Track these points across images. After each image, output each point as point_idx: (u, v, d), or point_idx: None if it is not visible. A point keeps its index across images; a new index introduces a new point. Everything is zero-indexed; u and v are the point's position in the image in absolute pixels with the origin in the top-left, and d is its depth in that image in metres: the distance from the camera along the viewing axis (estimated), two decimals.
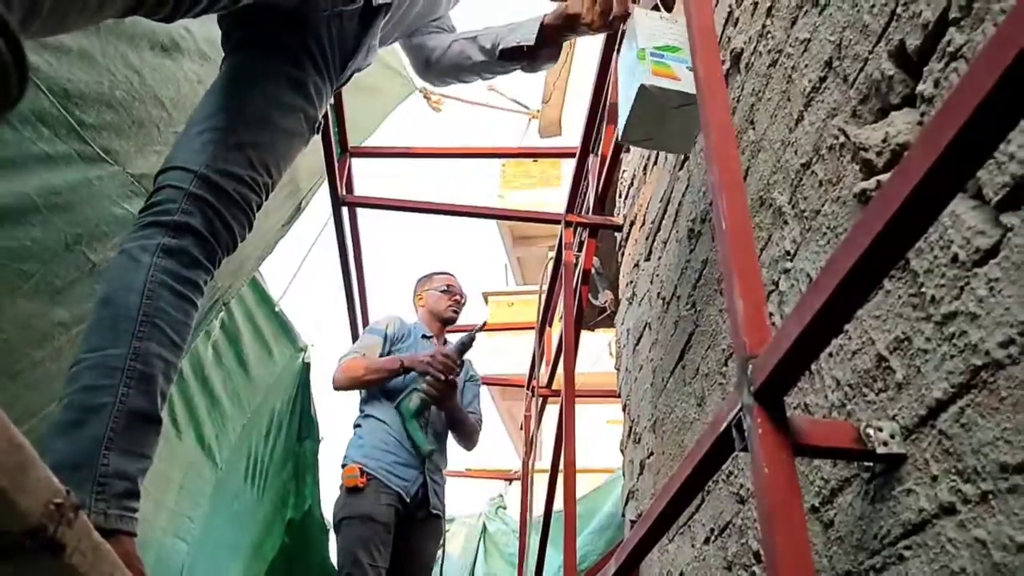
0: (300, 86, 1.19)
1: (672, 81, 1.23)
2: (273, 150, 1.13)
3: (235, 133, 1.09)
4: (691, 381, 1.37)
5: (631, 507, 1.86)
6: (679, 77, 1.23)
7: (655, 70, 1.23)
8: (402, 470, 2.56)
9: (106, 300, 0.95)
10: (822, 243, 0.86)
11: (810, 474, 0.83)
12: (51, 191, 1.44)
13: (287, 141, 1.17)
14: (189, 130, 1.12)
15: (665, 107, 1.23)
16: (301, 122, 1.19)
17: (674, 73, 1.23)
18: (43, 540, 0.43)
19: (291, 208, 2.52)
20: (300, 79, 1.19)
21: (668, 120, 1.25)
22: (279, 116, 1.15)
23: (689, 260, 1.44)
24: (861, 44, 0.81)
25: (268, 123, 1.13)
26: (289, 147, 1.18)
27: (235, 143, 1.09)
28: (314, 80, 1.21)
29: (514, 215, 3.15)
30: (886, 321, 0.71)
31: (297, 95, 1.18)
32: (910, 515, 0.64)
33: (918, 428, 0.65)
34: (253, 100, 1.13)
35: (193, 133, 1.10)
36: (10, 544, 0.43)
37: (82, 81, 1.45)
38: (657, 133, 1.29)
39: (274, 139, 1.14)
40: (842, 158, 0.83)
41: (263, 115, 1.13)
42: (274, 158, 1.14)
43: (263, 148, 1.12)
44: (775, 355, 0.60)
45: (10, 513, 0.41)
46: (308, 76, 1.20)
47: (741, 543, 1.03)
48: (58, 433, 0.86)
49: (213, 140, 1.08)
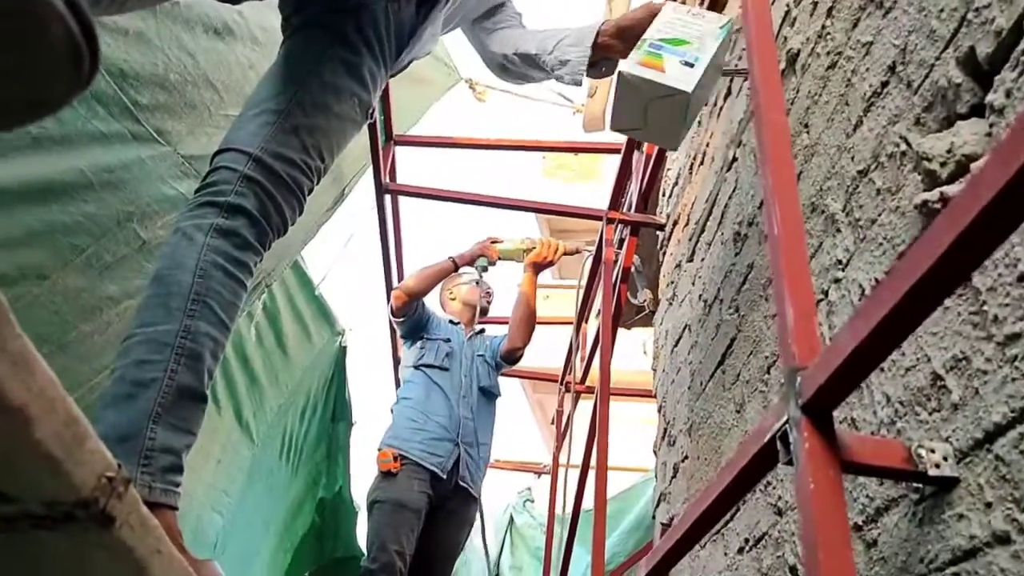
0: (355, 71, 1.19)
1: (655, 72, 1.19)
2: (327, 135, 1.14)
3: (291, 117, 1.10)
4: (731, 387, 1.34)
5: (662, 510, 1.84)
6: (664, 69, 1.20)
7: (642, 60, 1.20)
8: (436, 445, 2.58)
9: (160, 277, 0.97)
10: (877, 253, 0.84)
11: (854, 491, 0.81)
12: (104, 169, 1.48)
13: (341, 126, 1.18)
14: (246, 112, 1.14)
15: (646, 98, 1.20)
16: (355, 108, 1.20)
17: (662, 65, 1.20)
18: (94, 512, 0.44)
19: (335, 193, 2.55)
20: (355, 64, 1.19)
21: (651, 112, 1.22)
22: (335, 101, 1.16)
23: (734, 264, 1.41)
24: (927, 50, 0.78)
25: (323, 108, 1.14)
26: (343, 132, 1.19)
27: (290, 127, 1.10)
28: (369, 66, 1.22)
29: (556, 209, 3.13)
30: (944, 338, 0.69)
31: (352, 80, 1.19)
32: (960, 541, 0.62)
33: (973, 451, 0.62)
34: (309, 85, 1.14)
35: (250, 115, 1.12)
36: (62, 514, 0.44)
37: (137, 62, 1.48)
38: (643, 124, 1.26)
39: (328, 124, 1.15)
40: (903, 167, 0.80)
41: (319, 100, 1.14)
42: (327, 143, 1.15)
43: (318, 133, 1.13)
44: (827, 368, 0.59)
45: (64, 484, 0.42)
46: (363, 61, 1.21)
47: (776, 556, 1.01)
48: (109, 405, 0.88)
49: (269, 123, 1.09)
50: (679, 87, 1.18)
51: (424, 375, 2.77)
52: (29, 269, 1.41)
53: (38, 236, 1.40)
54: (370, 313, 4.71)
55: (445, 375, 2.77)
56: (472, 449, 2.68)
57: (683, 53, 1.22)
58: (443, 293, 3.21)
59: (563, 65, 1.44)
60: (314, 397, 3.44)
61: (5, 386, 0.35)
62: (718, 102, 1.74)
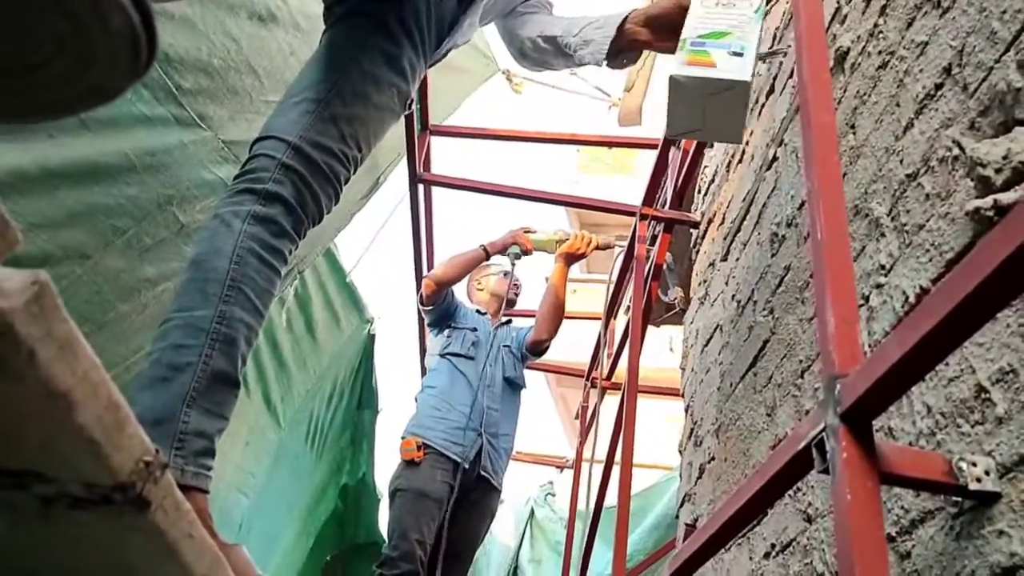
0: (395, 62, 1.19)
1: (706, 68, 1.17)
2: (365, 125, 1.15)
3: (330, 106, 1.11)
4: (762, 389, 1.32)
5: (687, 510, 1.83)
6: (714, 64, 1.17)
7: (688, 59, 1.18)
8: (458, 434, 2.59)
9: (197, 262, 0.99)
10: (923, 260, 0.82)
11: (889, 501, 0.79)
12: (147, 152, 1.50)
13: (379, 116, 1.18)
14: (286, 100, 1.14)
15: (701, 96, 1.17)
16: (394, 98, 1.20)
17: (711, 60, 1.18)
18: (131, 496, 0.44)
19: (369, 182, 2.56)
20: (395, 55, 1.19)
21: (709, 109, 1.19)
22: (374, 91, 1.16)
23: (770, 265, 1.39)
24: (986, 52, 0.76)
25: (363, 98, 1.14)
26: (381, 123, 1.19)
27: (330, 116, 1.10)
28: (409, 56, 1.22)
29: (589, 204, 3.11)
30: (990, 350, 0.67)
31: (392, 71, 1.19)
32: (1000, 558, 0.60)
33: (1017, 467, 0.60)
34: (349, 74, 1.14)
35: (290, 103, 1.13)
36: (100, 496, 0.45)
37: (182, 47, 1.50)
38: (702, 123, 1.24)
39: (367, 114, 1.15)
40: (954, 172, 0.78)
41: (359, 90, 1.14)
42: (365, 133, 1.15)
43: (356, 122, 1.13)
44: (869, 377, 0.57)
45: (103, 467, 0.43)
46: (403, 52, 1.21)
47: (805, 563, 0.99)
48: (145, 387, 0.90)
49: (308, 112, 1.09)
50: (737, 78, 1.16)
51: (449, 363, 2.78)
52: (72, 249, 1.44)
53: (81, 217, 1.43)
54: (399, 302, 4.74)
55: (470, 364, 2.78)
56: (495, 439, 2.69)
57: (728, 44, 1.19)
58: (471, 283, 3.21)
59: (586, 45, 1.42)
60: (341, 383, 3.47)
61: (52, 370, 0.36)
62: (760, 99, 1.71)
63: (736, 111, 1.20)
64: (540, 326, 2.95)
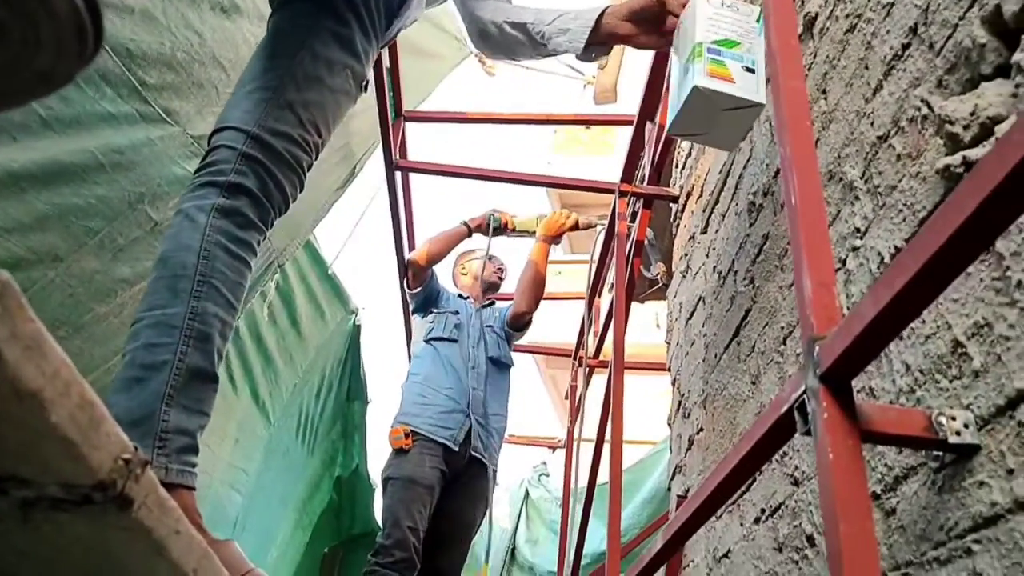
0: (347, 43, 1.18)
1: (727, 84, 1.18)
2: (323, 109, 1.13)
3: (285, 92, 1.09)
4: (746, 358, 1.34)
5: (678, 482, 1.85)
6: (734, 79, 1.18)
7: (711, 70, 1.18)
8: (445, 418, 2.59)
9: (165, 260, 0.97)
10: (897, 220, 0.82)
11: (872, 460, 0.80)
12: (114, 150, 1.48)
13: (335, 99, 1.16)
14: (239, 90, 1.13)
15: (717, 108, 1.19)
16: (349, 80, 1.19)
17: (730, 75, 1.19)
18: (112, 494, 0.44)
19: (346, 171, 2.54)
20: (346, 36, 1.18)
21: (719, 120, 1.21)
22: (327, 74, 1.14)
23: (749, 234, 1.40)
24: (951, 9, 0.76)
25: (317, 81, 1.13)
26: (338, 106, 1.18)
27: (285, 102, 1.09)
28: (360, 37, 1.20)
29: (568, 183, 3.11)
30: (965, 305, 0.68)
31: (344, 52, 1.17)
32: (981, 508, 0.61)
33: (995, 419, 0.61)
34: (301, 59, 1.13)
35: (244, 93, 1.11)
36: (80, 497, 0.44)
37: (144, 41, 1.47)
38: (706, 130, 1.26)
39: (323, 98, 1.13)
40: (924, 131, 0.78)
41: (311, 73, 1.12)
42: (323, 117, 1.14)
43: (313, 107, 1.11)
44: (846, 337, 0.58)
45: (81, 467, 0.42)
46: (354, 33, 1.19)
47: (794, 525, 1.01)
48: (120, 389, 0.89)
49: (264, 99, 1.08)
50: (755, 99, 1.19)
51: (432, 349, 2.78)
52: (43, 252, 1.42)
53: (52, 219, 1.41)
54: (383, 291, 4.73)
55: (453, 347, 2.78)
56: (484, 420, 2.69)
57: (740, 57, 1.20)
58: (455, 269, 3.21)
59: (562, 33, 1.40)
60: (329, 376, 3.46)
61: (19, 371, 0.35)
62: None
63: (742, 126, 1.22)
64: (519, 299, 2.95)
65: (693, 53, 1.20)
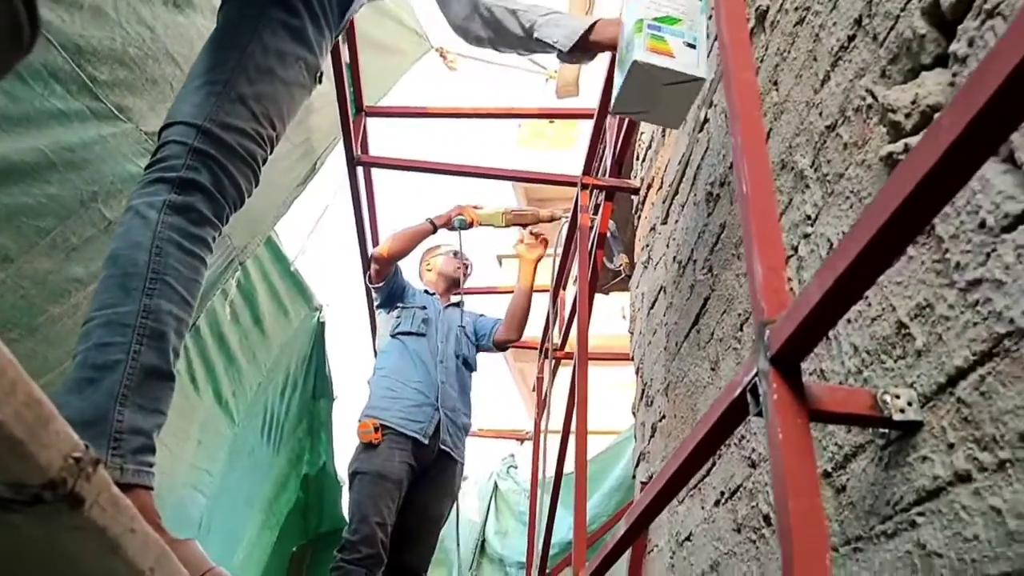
0: (298, 34, 1.16)
1: (667, 59, 1.19)
2: (276, 101, 1.12)
3: (236, 85, 1.07)
4: (705, 345, 1.36)
5: (642, 469, 1.87)
6: (674, 54, 1.20)
7: (651, 45, 1.19)
8: (415, 411, 2.59)
9: (115, 258, 0.95)
10: (844, 207, 0.85)
11: (823, 439, 0.83)
12: (66, 148, 1.44)
13: (289, 92, 1.15)
14: (189, 84, 1.10)
15: (658, 84, 1.20)
16: (302, 72, 1.17)
17: (670, 49, 1.20)
18: (62, 493, 0.43)
19: (306, 168, 2.51)
20: (297, 27, 1.16)
21: (661, 96, 1.22)
22: (279, 66, 1.13)
23: (707, 224, 1.42)
24: (893, 1, 0.78)
25: (268, 73, 1.11)
26: (291, 98, 1.16)
27: (237, 95, 1.07)
28: (311, 28, 1.18)
29: (529, 177, 3.12)
30: (908, 287, 0.70)
31: (296, 44, 1.16)
32: (924, 482, 0.64)
33: (936, 396, 0.64)
34: (252, 50, 1.11)
35: (194, 87, 1.09)
36: (30, 496, 0.44)
37: (95, 37, 1.44)
38: (649, 107, 1.27)
39: (276, 90, 1.12)
40: (869, 120, 0.81)
41: (263, 65, 1.11)
42: (277, 109, 1.12)
43: (266, 99, 1.10)
44: (793, 320, 0.59)
45: (29, 466, 0.42)
46: (305, 24, 1.17)
47: (751, 506, 1.03)
48: (72, 390, 0.87)
49: (214, 93, 1.06)
50: (695, 74, 1.20)
51: (400, 343, 2.77)
52: None
53: (0, 220, 1.37)
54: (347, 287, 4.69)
55: (422, 341, 2.78)
56: (453, 414, 2.70)
57: (681, 33, 1.21)
58: (421, 265, 3.20)
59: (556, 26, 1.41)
60: (294, 374, 3.43)
61: None
62: None
63: (685, 102, 1.24)
64: (511, 327, 2.98)
65: (634, 29, 1.21)
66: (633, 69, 1.19)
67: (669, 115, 1.31)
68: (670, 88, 1.21)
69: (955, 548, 0.59)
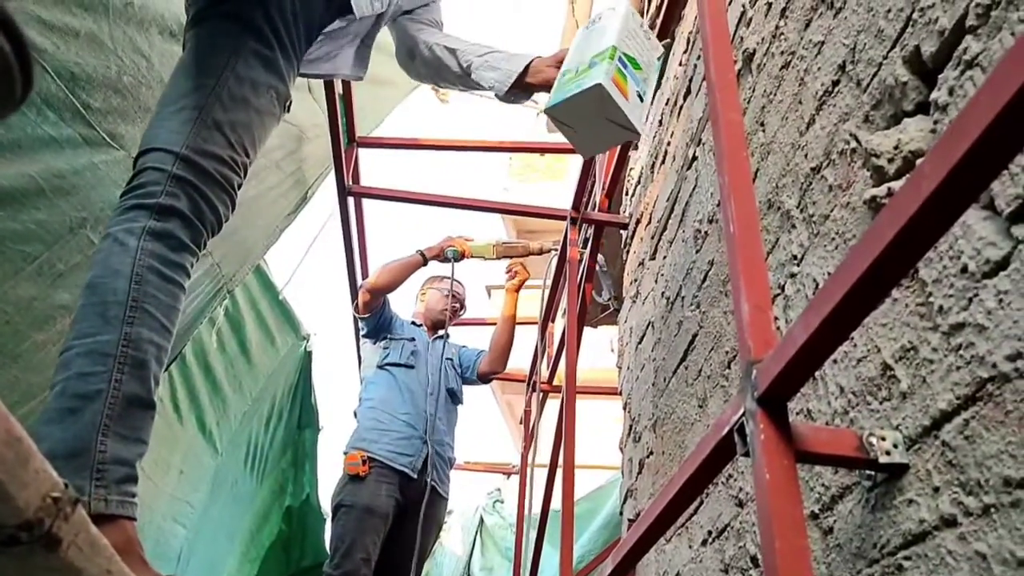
0: (271, 64, 1.17)
1: (622, 97, 1.20)
2: (249, 129, 1.13)
3: (211, 112, 1.08)
4: (693, 382, 1.36)
5: (629, 506, 1.86)
6: (627, 97, 1.21)
7: (615, 78, 1.20)
8: (404, 444, 2.57)
9: (94, 286, 0.95)
10: (830, 248, 0.86)
11: (811, 480, 0.83)
12: (56, 174, 1.44)
13: (261, 121, 1.16)
14: (163, 110, 1.10)
15: (602, 114, 1.20)
16: (273, 101, 1.18)
17: (627, 91, 1.21)
18: (39, 534, 0.43)
19: (297, 197, 2.52)
20: (269, 57, 1.17)
21: (596, 125, 1.22)
22: (252, 95, 1.14)
23: (695, 261, 1.43)
24: (875, 49, 0.80)
25: (243, 102, 1.12)
26: (263, 126, 1.17)
27: (212, 122, 1.07)
28: (282, 58, 1.20)
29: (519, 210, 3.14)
30: (892, 329, 0.71)
31: (269, 73, 1.17)
32: (910, 525, 0.64)
33: (921, 438, 0.64)
34: (226, 79, 1.11)
35: (168, 113, 1.09)
36: (6, 537, 0.43)
37: (90, 65, 1.45)
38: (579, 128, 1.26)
39: (249, 118, 1.13)
40: (853, 163, 0.82)
41: (237, 94, 1.12)
42: (251, 137, 1.13)
43: (240, 127, 1.11)
44: (780, 360, 0.60)
45: (7, 507, 0.41)
46: (276, 54, 1.19)
47: (739, 546, 1.02)
48: (52, 420, 0.86)
49: (190, 120, 1.06)
50: (635, 127, 1.21)
51: (388, 374, 2.75)
52: None
53: None
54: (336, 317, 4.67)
55: (411, 373, 2.76)
56: (440, 447, 2.68)
57: (638, 82, 1.23)
58: (419, 291, 3.22)
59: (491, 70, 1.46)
60: (279, 404, 3.40)
61: None
62: (678, 101, 1.77)
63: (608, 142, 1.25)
64: (496, 359, 2.99)
65: (606, 53, 1.21)
66: (594, 90, 1.18)
67: (588, 144, 1.30)
68: (609, 125, 1.21)
69: None
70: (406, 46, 1.58)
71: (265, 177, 2.24)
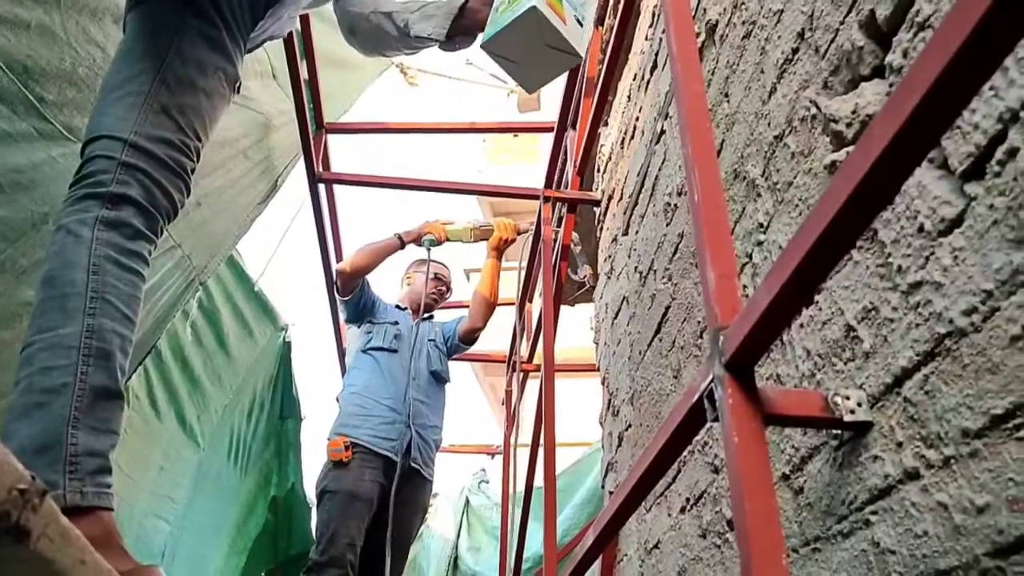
0: (216, 44, 1.14)
1: (559, 21, 1.18)
2: (198, 112, 1.10)
3: (158, 96, 1.05)
4: (668, 353, 1.38)
5: (610, 479, 1.88)
6: (565, 21, 1.19)
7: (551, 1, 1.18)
8: (387, 429, 2.57)
9: (51, 279, 0.93)
10: (794, 215, 0.87)
11: (781, 442, 0.84)
12: (13, 170, 1.41)
13: (211, 103, 1.13)
14: (108, 95, 1.07)
15: (541, 41, 1.17)
16: (222, 82, 1.15)
17: (564, 15, 1.19)
18: (7, 526, 0.42)
19: (267, 186, 2.49)
20: (215, 36, 1.14)
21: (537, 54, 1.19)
22: (199, 76, 1.11)
23: (666, 234, 1.44)
24: (832, 15, 0.81)
25: (189, 84, 1.09)
26: (213, 108, 1.14)
27: (160, 107, 1.05)
28: (227, 38, 1.17)
29: (492, 191, 3.14)
30: (855, 291, 0.72)
31: (215, 54, 1.14)
32: (876, 481, 0.65)
33: (884, 396, 0.66)
34: (171, 61, 1.08)
35: (114, 98, 1.05)
36: None
37: (43, 57, 1.41)
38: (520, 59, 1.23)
39: (198, 101, 1.10)
40: (813, 130, 0.83)
41: (183, 76, 1.09)
42: (201, 121, 1.10)
43: (189, 111, 1.08)
44: (745, 325, 0.61)
45: None
46: (222, 34, 1.16)
47: (715, 511, 1.04)
48: (20, 416, 0.85)
49: (136, 105, 1.03)
50: (576, 49, 1.18)
51: (371, 359, 2.75)
52: None
53: None
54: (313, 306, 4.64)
55: (393, 357, 2.76)
56: (424, 431, 2.68)
57: (575, 6, 1.21)
58: (404, 273, 3.21)
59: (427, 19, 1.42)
60: (260, 395, 3.38)
61: None
62: (646, 75, 1.77)
63: (552, 71, 1.22)
64: (474, 314, 2.99)
65: None
66: (528, 14, 1.15)
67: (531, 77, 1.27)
68: (549, 52, 1.19)
69: (907, 545, 0.60)
70: (347, 23, 1.55)
71: (232, 167, 2.20)
